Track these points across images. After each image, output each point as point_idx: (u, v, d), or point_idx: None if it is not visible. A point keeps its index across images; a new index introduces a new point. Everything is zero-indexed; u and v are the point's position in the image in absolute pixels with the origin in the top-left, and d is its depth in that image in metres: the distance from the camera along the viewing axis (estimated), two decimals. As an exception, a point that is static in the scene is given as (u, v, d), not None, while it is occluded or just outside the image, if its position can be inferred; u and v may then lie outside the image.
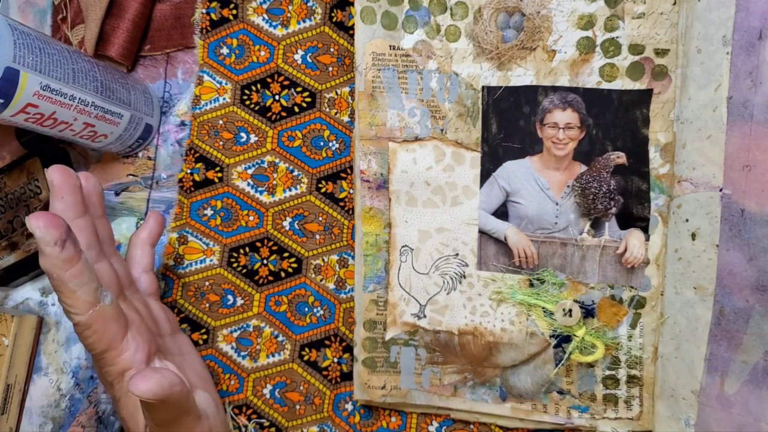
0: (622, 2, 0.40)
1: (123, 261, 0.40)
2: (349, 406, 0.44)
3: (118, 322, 0.33)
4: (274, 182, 0.46)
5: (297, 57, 0.47)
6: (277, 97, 0.47)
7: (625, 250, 0.41)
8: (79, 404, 0.47)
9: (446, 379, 0.42)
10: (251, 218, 0.46)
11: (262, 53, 0.47)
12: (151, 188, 0.49)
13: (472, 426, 0.43)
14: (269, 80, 0.47)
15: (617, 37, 0.41)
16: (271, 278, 0.46)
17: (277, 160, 0.47)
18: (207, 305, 0.46)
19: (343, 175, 0.46)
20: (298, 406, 0.45)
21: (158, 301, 0.42)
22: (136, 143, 0.48)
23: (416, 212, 0.43)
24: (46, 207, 0.47)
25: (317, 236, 0.46)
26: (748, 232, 0.37)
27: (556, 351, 0.41)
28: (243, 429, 0.44)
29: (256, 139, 0.47)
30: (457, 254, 0.43)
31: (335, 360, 0.45)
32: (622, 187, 0.41)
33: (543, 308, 0.41)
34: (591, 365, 0.41)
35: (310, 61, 0.47)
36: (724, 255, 0.37)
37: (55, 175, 0.34)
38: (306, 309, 0.45)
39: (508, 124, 0.42)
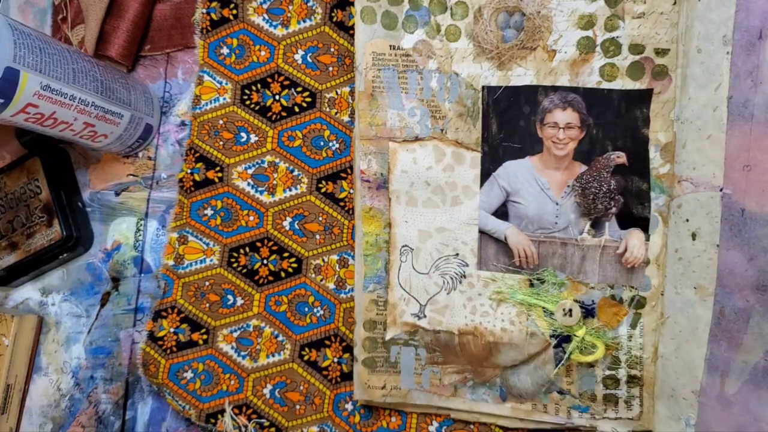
0: (623, 2, 0.40)
1: None
2: (349, 406, 0.44)
3: None
4: (274, 182, 0.46)
5: (297, 57, 0.47)
6: (277, 97, 0.47)
7: (626, 249, 0.41)
8: (79, 404, 0.47)
9: (446, 379, 0.42)
10: (251, 218, 0.46)
11: (263, 53, 0.47)
12: (151, 188, 0.49)
13: (472, 426, 0.43)
14: (269, 80, 0.47)
15: (617, 37, 0.41)
16: (271, 278, 0.46)
17: (277, 160, 0.47)
18: (207, 305, 0.46)
19: (343, 175, 0.46)
20: (298, 406, 0.45)
21: None
22: (136, 143, 0.48)
23: (416, 212, 0.43)
24: (46, 207, 0.47)
25: (317, 236, 0.46)
26: (748, 232, 0.37)
27: (556, 351, 0.41)
28: (243, 429, 0.44)
29: (257, 139, 0.47)
30: (457, 254, 0.43)
31: (335, 360, 0.45)
32: (622, 186, 0.41)
33: (543, 308, 0.41)
34: (591, 365, 0.41)
35: (310, 61, 0.47)
36: (724, 255, 0.37)
37: None
38: (306, 309, 0.45)
39: (508, 124, 0.42)
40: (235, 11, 0.47)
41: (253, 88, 0.47)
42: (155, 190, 0.49)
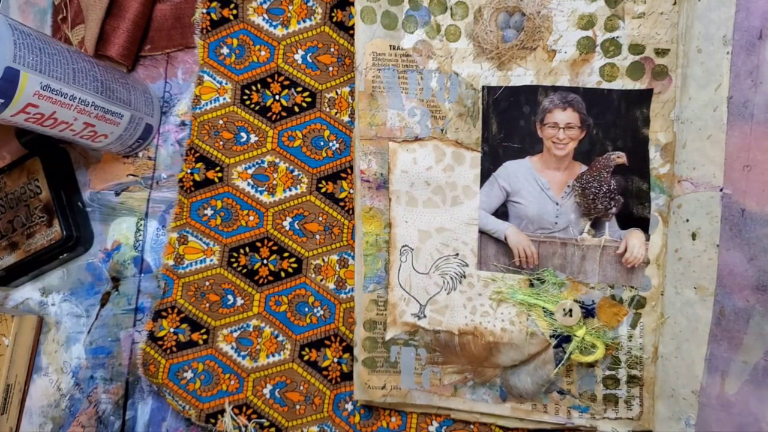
0: (623, 2, 0.40)
1: None
2: (349, 406, 0.44)
3: None
4: (274, 182, 0.46)
5: (297, 57, 0.47)
6: (277, 97, 0.47)
7: (626, 250, 0.41)
8: (79, 404, 0.47)
9: (446, 379, 0.42)
10: (251, 218, 0.46)
11: (263, 53, 0.47)
12: (152, 188, 0.49)
13: (472, 426, 0.43)
14: (269, 80, 0.47)
15: (617, 37, 0.41)
16: (271, 278, 0.46)
17: (277, 160, 0.47)
18: (207, 305, 0.46)
19: (343, 175, 0.46)
20: (298, 406, 0.45)
21: None
22: (136, 143, 0.48)
23: (416, 212, 0.43)
24: (46, 207, 0.47)
25: (317, 236, 0.46)
26: (748, 232, 0.37)
27: (556, 351, 0.41)
28: (243, 429, 0.44)
29: (257, 139, 0.47)
30: (457, 254, 0.43)
31: (335, 360, 0.45)
32: (622, 187, 0.41)
33: (543, 308, 0.41)
34: (591, 365, 0.41)
35: (310, 61, 0.47)
36: (724, 255, 0.37)
37: None
38: (306, 309, 0.45)
39: (508, 124, 0.42)
40: (235, 11, 0.47)
41: (253, 88, 0.47)
42: (155, 190, 0.49)
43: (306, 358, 0.45)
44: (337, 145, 0.46)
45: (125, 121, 0.45)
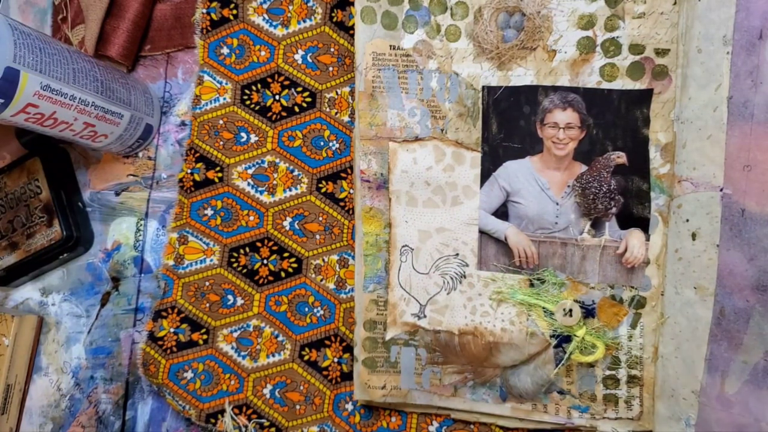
0: (623, 2, 0.40)
1: None
2: (350, 406, 0.44)
3: None
4: (275, 182, 0.46)
5: (297, 57, 0.47)
6: (277, 97, 0.47)
7: (626, 250, 0.41)
8: (79, 404, 0.47)
9: (446, 379, 0.42)
10: (251, 218, 0.46)
11: (263, 53, 0.47)
12: (152, 188, 0.49)
13: (472, 426, 0.43)
14: (269, 80, 0.47)
15: (617, 37, 0.41)
16: (271, 278, 0.46)
17: (277, 160, 0.47)
18: (207, 305, 0.46)
19: (343, 175, 0.46)
20: (298, 406, 0.45)
21: None
22: (136, 143, 0.48)
23: (416, 212, 0.43)
24: (46, 207, 0.47)
25: (317, 236, 0.46)
26: (748, 232, 0.37)
27: (556, 351, 0.41)
28: (243, 429, 0.44)
29: (257, 139, 0.47)
30: (457, 254, 0.43)
31: (335, 360, 0.45)
32: (622, 187, 0.41)
33: (543, 308, 0.41)
34: (591, 365, 0.41)
35: (310, 61, 0.47)
36: (724, 255, 0.37)
37: None
38: (306, 309, 0.45)
39: (508, 124, 0.42)
40: (235, 11, 0.47)
41: (253, 88, 0.47)
42: (155, 190, 0.49)
43: (306, 358, 0.45)
44: (337, 145, 0.46)
45: (125, 121, 0.45)
